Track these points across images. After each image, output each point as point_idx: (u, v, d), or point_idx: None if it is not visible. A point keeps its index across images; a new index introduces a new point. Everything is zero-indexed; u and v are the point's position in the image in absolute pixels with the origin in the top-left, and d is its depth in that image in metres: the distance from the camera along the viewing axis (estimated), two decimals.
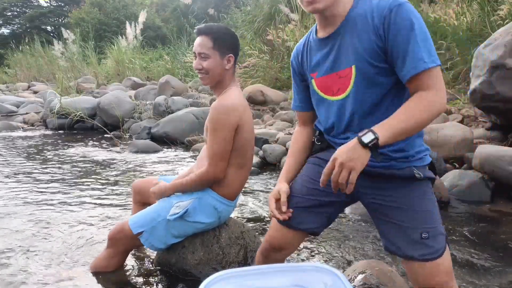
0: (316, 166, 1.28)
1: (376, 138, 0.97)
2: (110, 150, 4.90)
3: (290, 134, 4.38)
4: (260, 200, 2.85)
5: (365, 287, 1.42)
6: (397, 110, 1.02)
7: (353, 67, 1.12)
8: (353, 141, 0.99)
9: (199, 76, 1.61)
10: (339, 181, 0.99)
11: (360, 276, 1.47)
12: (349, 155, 0.98)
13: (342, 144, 1.10)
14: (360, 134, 0.99)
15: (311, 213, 1.26)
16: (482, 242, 2.08)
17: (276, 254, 1.32)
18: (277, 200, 1.27)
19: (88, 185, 3.23)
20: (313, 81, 1.25)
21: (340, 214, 1.71)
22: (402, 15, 1.02)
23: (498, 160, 2.71)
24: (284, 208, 1.24)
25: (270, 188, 3.14)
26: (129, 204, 2.61)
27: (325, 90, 1.22)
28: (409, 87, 1.07)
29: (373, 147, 0.97)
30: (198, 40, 1.57)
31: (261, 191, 3.08)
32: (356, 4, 1.13)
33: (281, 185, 1.29)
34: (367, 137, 0.97)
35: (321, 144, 1.32)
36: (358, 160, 0.98)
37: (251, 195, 2.97)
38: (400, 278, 1.49)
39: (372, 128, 0.99)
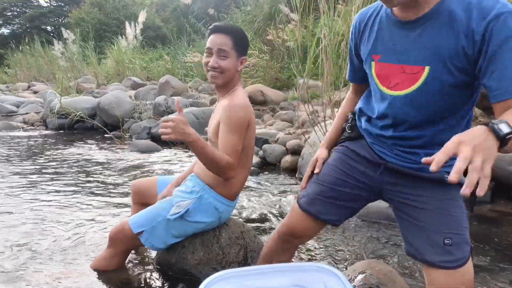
0: (344, 156, 1.24)
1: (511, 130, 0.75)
2: (110, 150, 4.90)
3: (290, 134, 4.37)
4: (260, 200, 2.85)
5: (365, 287, 1.42)
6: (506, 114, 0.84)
7: (427, 68, 0.97)
8: (483, 129, 0.76)
9: (210, 73, 1.56)
10: (473, 169, 0.70)
11: (360, 276, 1.47)
12: (481, 142, 0.73)
13: (379, 135, 1.10)
14: (494, 121, 0.77)
15: (334, 205, 1.23)
16: (482, 242, 2.08)
17: (295, 240, 1.32)
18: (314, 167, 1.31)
19: (88, 185, 3.23)
20: (373, 63, 1.10)
21: None
22: (506, 28, 0.85)
23: (498, 160, 2.70)
24: (317, 170, 1.27)
25: (270, 188, 3.14)
26: (129, 204, 2.61)
27: (382, 78, 1.08)
28: (496, 108, 0.90)
29: (506, 142, 0.75)
30: (218, 37, 1.54)
31: (261, 191, 3.08)
32: None
33: (321, 151, 1.33)
34: (505, 128, 0.75)
35: (351, 133, 1.26)
36: (492, 150, 0.73)
37: (251, 195, 2.97)
38: (400, 278, 1.49)
39: (506, 119, 0.77)
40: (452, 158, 0.83)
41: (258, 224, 2.40)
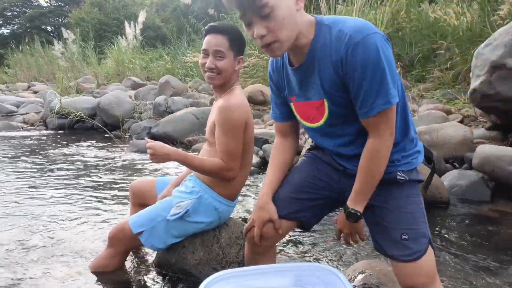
0: (311, 160, 1.32)
1: (358, 213, 1.14)
2: (110, 150, 4.90)
3: None
4: None
5: (365, 287, 1.42)
6: (358, 173, 1.12)
7: (325, 101, 1.13)
8: (344, 218, 1.18)
9: (207, 74, 1.57)
10: (352, 242, 1.25)
11: (360, 276, 1.47)
12: (349, 226, 1.20)
13: (334, 151, 1.23)
14: (345, 214, 1.16)
15: (302, 205, 1.27)
16: (482, 242, 2.08)
17: (263, 241, 1.28)
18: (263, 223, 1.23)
19: (88, 185, 3.23)
20: (291, 104, 1.25)
21: None
22: (357, 57, 0.99)
23: (498, 160, 2.70)
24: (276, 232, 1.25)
25: None
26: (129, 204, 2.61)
27: (302, 116, 1.23)
28: (362, 122, 1.10)
29: (361, 217, 1.15)
30: (214, 38, 1.53)
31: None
32: (318, 33, 1.07)
33: (271, 210, 1.23)
34: (353, 217, 1.15)
35: (314, 144, 1.35)
36: (357, 225, 1.19)
37: (251, 195, 2.97)
38: None
39: (349, 206, 1.14)
40: (407, 156, 1.18)
41: None
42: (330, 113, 1.14)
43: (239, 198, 2.86)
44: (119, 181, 3.37)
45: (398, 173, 1.15)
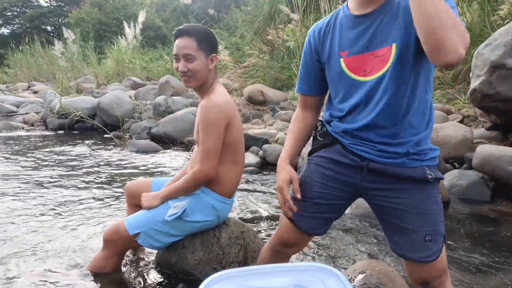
0: (321, 167, 1.23)
1: None
2: (110, 150, 4.90)
3: None
4: (260, 200, 2.85)
5: (365, 287, 1.42)
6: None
7: (393, 46, 1.06)
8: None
9: (182, 79, 1.59)
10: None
11: (360, 276, 1.47)
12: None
13: (354, 131, 1.13)
14: None
15: (320, 218, 1.25)
16: (482, 242, 2.08)
17: (288, 249, 1.34)
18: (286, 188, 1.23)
19: (87, 185, 3.23)
20: (341, 60, 1.16)
21: None
22: None
23: (498, 160, 2.71)
24: (298, 195, 1.21)
25: (270, 188, 3.14)
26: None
27: (355, 70, 1.14)
28: None
29: None
30: (181, 41, 1.54)
31: (261, 191, 3.07)
32: None
33: (290, 171, 1.23)
34: None
35: (324, 140, 1.24)
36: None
37: (251, 195, 2.97)
38: (400, 278, 1.49)
39: None
40: (432, 150, 1.12)
41: (258, 224, 2.39)
42: (395, 60, 1.06)
43: (239, 198, 2.88)
44: (118, 181, 3.37)
45: (427, 170, 1.09)
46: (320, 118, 1.33)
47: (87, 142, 5.59)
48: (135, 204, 1.89)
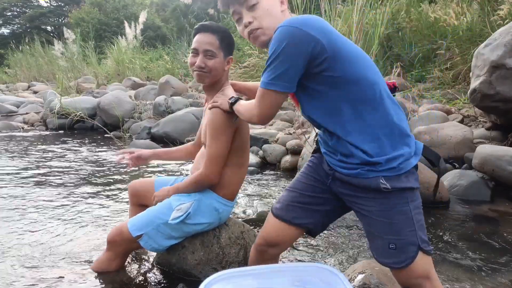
0: (313, 164, 1.33)
1: None
2: (110, 150, 4.90)
3: (290, 134, 4.37)
4: (260, 200, 2.85)
5: (365, 287, 1.42)
6: None
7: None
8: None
9: (196, 73, 1.55)
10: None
11: (360, 276, 1.47)
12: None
13: (322, 141, 1.24)
14: None
15: (307, 210, 1.28)
16: (482, 242, 2.08)
17: (271, 249, 1.33)
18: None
19: (88, 185, 3.23)
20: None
21: None
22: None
23: (498, 160, 2.71)
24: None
25: (270, 188, 3.14)
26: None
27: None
28: None
29: None
30: (204, 37, 1.52)
31: (261, 191, 3.08)
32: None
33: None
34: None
35: (316, 146, 1.37)
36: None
37: (251, 195, 2.97)
38: None
39: None
40: (391, 159, 1.08)
41: (258, 224, 2.39)
42: (299, 97, 1.19)
43: (239, 198, 2.87)
44: (118, 181, 3.37)
45: (381, 181, 1.08)
46: None
47: (87, 142, 5.59)
48: (138, 203, 1.90)
